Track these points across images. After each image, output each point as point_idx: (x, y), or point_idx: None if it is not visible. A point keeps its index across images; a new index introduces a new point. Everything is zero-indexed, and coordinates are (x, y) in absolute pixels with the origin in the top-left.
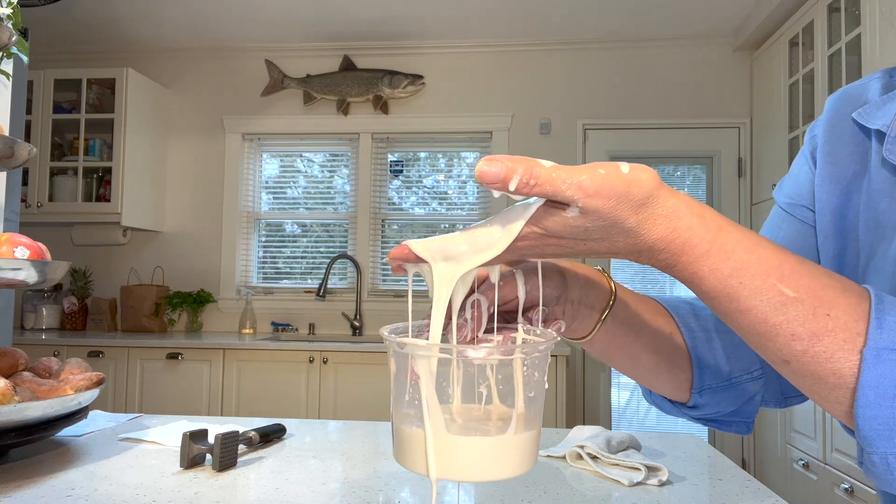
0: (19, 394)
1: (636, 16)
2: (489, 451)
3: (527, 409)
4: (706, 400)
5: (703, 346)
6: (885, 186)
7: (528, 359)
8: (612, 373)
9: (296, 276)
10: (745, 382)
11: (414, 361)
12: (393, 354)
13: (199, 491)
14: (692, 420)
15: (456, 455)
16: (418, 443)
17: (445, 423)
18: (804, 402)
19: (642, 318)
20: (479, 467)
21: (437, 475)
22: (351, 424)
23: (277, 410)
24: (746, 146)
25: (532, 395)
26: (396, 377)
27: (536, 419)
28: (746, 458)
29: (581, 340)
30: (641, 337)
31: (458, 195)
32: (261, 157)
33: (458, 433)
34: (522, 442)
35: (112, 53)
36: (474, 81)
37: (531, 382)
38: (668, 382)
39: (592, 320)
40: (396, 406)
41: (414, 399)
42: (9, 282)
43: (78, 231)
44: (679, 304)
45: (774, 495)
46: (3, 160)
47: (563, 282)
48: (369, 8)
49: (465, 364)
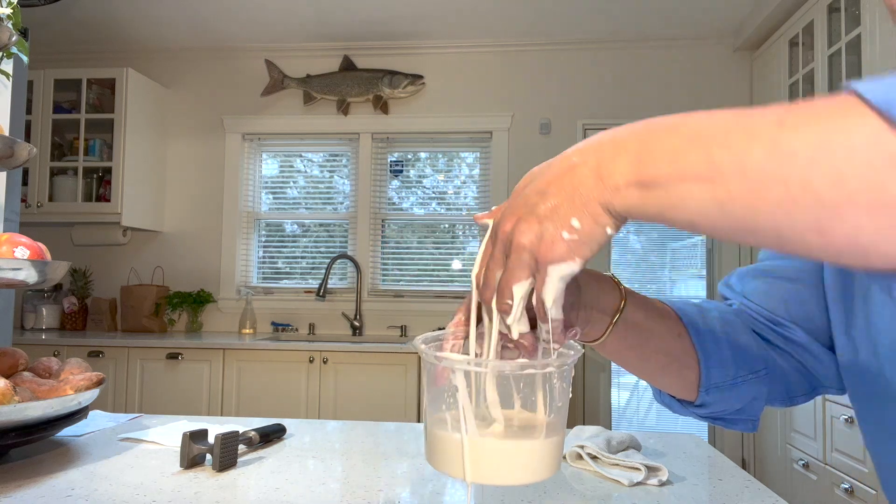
0: (19, 394)
1: (636, 16)
2: (521, 455)
3: (554, 417)
4: (713, 398)
5: (711, 346)
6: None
7: (558, 371)
8: (612, 373)
9: (296, 276)
10: (750, 381)
11: (452, 374)
12: (428, 364)
13: (199, 491)
14: (700, 418)
15: (490, 460)
16: (454, 447)
17: (479, 430)
18: (807, 403)
19: (652, 320)
20: (511, 471)
21: (472, 479)
22: (351, 424)
23: (277, 410)
24: None
25: (560, 405)
26: (431, 385)
27: (562, 426)
28: (746, 458)
29: (594, 343)
30: (651, 338)
31: (458, 195)
32: (261, 157)
33: (492, 438)
34: (551, 447)
35: (112, 53)
36: (474, 81)
37: (559, 392)
38: (678, 382)
39: (604, 323)
40: (432, 411)
41: (450, 405)
42: (9, 282)
43: (78, 231)
44: (686, 306)
45: (774, 495)
46: (3, 160)
47: (577, 287)
48: (369, 8)
49: (500, 376)
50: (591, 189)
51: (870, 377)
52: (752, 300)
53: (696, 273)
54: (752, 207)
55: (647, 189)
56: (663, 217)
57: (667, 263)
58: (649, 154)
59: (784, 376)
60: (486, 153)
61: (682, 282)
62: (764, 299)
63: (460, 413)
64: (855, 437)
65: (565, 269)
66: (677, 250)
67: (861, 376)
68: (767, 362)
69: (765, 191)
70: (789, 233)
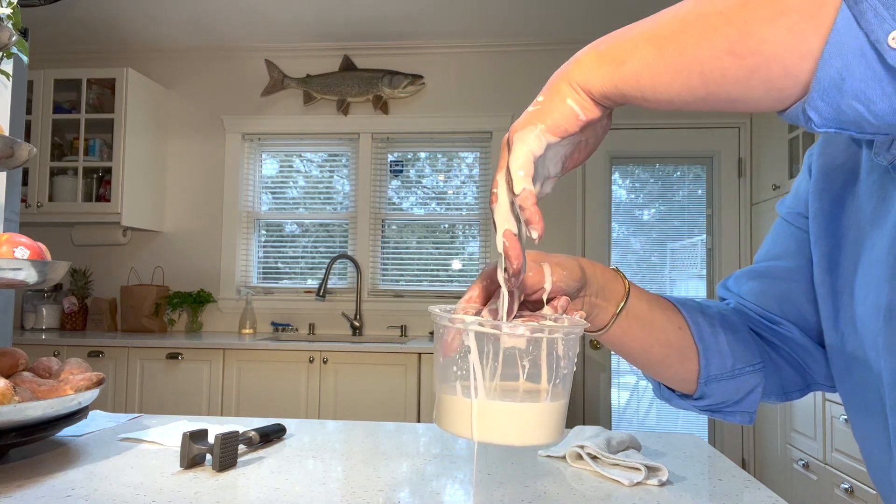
0: (19, 394)
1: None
2: (525, 417)
3: (558, 384)
4: (712, 390)
5: (710, 339)
6: (873, 188)
7: (565, 338)
8: (612, 373)
9: (296, 276)
10: (747, 374)
11: (465, 334)
12: (442, 329)
13: (199, 491)
14: (698, 411)
15: (495, 420)
16: (462, 408)
17: (487, 391)
18: (803, 398)
19: (654, 311)
20: (515, 431)
21: (478, 437)
22: (351, 424)
23: (277, 410)
24: (746, 146)
25: (565, 372)
26: (442, 352)
27: (565, 393)
28: (746, 458)
29: (598, 333)
30: (653, 331)
31: (458, 195)
32: (261, 157)
33: (498, 399)
34: (553, 411)
35: (112, 53)
36: (474, 81)
37: (564, 360)
38: (678, 373)
39: (608, 314)
40: (443, 376)
41: (460, 369)
42: (9, 282)
43: (78, 231)
44: (687, 301)
45: (774, 495)
46: (3, 160)
47: (583, 276)
48: (369, 8)
49: (509, 340)
50: (562, 71)
51: (856, 364)
52: (747, 300)
53: (697, 273)
54: (681, 45)
55: (602, 56)
56: (615, 82)
57: (667, 263)
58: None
59: (779, 371)
60: (485, 153)
61: (682, 282)
62: (759, 299)
63: (470, 373)
64: None
65: (528, 133)
66: (677, 250)
67: (848, 364)
68: (764, 356)
69: (690, 27)
70: (711, 62)
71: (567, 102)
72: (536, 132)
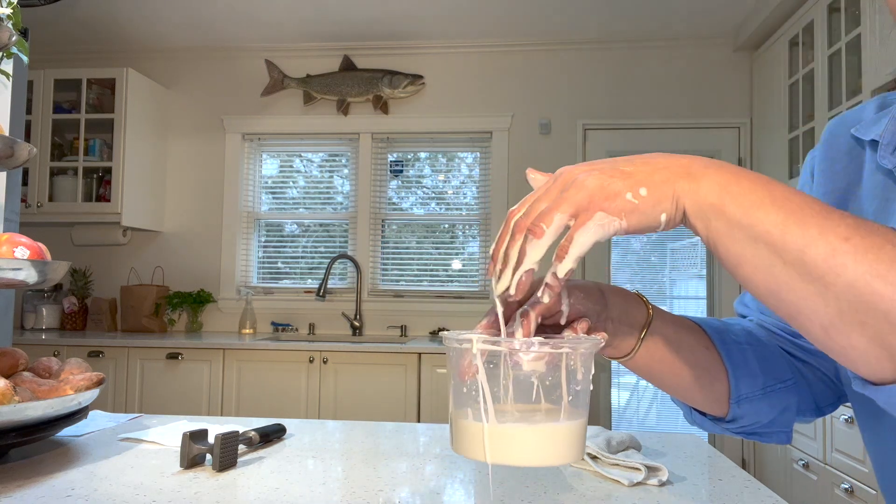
0: (19, 394)
1: (636, 16)
2: (538, 438)
3: (573, 403)
4: (744, 411)
5: (737, 357)
6: (876, 191)
7: (574, 354)
8: (612, 373)
9: (296, 276)
10: (779, 391)
11: (473, 356)
12: (453, 354)
13: (199, 491)
14: (733, 434)
15: (509, 442)
16: (475, 432)
17: (498, 414)
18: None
19: (679, 334)
20: (529, 453)
21: (492, 460)
22: (351, 424)
23: (277, 410)
24: (746, 146)
25: (578, 389)
26: (455, 379)
27: (582, 412)
28: (746, 458)
29: (625, 358)
30: (681, 352)
31: (458, 195)
32: (261, 157)
33: (510, 422)
34: (568, 431)
35: (112, 53)
36: (474, 81)
37: (577, 378)
38: (709, 396)
39: (633, 338)
40: (456, 402)
41: (471, 393)
42: (9, 282)
43: (78, 231)
44: (710, 320)
45: (774, 495)
46: (3, 160)
47: (602, 299)
48: (369, 8)
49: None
50: (674, 175)
51: None
52: (769, 315)
53: (697, 273)
54: (790, 284)
55: (719, 213)
56: (715, 241)
57: (667, 263)
58: (738, 187)
59: (810, 386)
60: (485, 153)
61: (682, 282)
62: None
63: (480, 395)
64: (855, 437)
65: (609, 222)
66: (677, 250)
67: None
68: (794, 373)
69: (808, 279)
70: (803, 319)
71: (661, 218)
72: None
